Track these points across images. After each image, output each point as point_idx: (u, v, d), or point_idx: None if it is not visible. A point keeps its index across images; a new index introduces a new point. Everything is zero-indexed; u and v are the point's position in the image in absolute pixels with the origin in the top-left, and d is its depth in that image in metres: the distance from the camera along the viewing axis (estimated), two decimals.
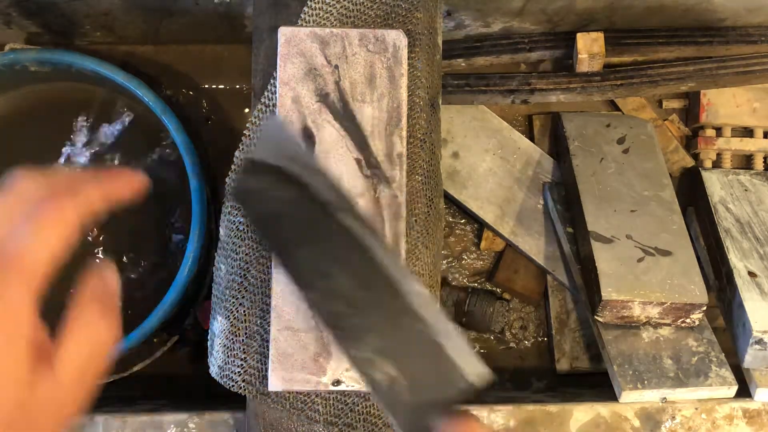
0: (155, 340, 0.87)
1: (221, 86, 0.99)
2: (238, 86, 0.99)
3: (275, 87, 0.62)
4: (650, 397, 0.75)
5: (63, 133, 0.90)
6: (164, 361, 0.91)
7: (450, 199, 0.95)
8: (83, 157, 0.88)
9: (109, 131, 0.89)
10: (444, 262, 0.99)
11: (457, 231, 1.00)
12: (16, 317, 0.31)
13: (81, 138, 0.89)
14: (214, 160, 0.97)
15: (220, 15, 0.87)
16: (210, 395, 0.72)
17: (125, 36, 0.94)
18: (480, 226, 0.98)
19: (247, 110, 0.98)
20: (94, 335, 0.33)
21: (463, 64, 0.96)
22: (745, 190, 0.91)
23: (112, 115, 0.90)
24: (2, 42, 0.91)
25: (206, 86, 0.98)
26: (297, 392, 0.61)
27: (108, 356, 0.33)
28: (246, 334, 0.61)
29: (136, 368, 0.89)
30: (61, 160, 0.89)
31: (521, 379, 0.97)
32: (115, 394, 0.90)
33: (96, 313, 0.34)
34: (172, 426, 0.70)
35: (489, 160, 0.95)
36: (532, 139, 0.98)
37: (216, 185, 0.96)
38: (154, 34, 0.94)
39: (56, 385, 0.31)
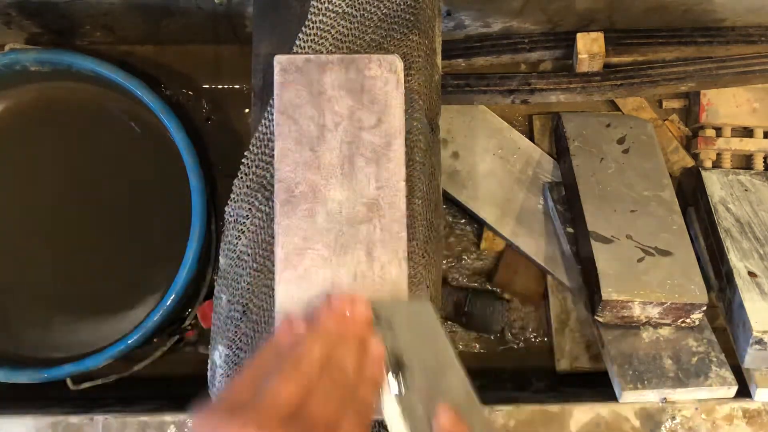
0: (155, 340, 0.87)
1: (221, 86, 0.99)
2: (238, 86, 0.99)
3: (272, 115, 0.61)
4: (650, 397, 0.75)
5: (62, 133, 0.90)
6: (164, 361, 0.91)
7: (450, 199, 0.95)
8: None
9: None
10: (444, 262, 0.99)
11: (457, 231, 1.00)
12: None
13: None
14: (214, 160, 0.98)
15: (220, 15, 0.87)
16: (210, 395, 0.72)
17: (125, 36, 0.94)
18: (480, 226, 0.98)
19: (247, 110, 0.99)
20: None
21: (463, 64, 0.96)
22: (745, 190, 0.91)
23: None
24: (2, 42, 0.91)
25: (206, 86, 0.98)
26: None
27: None
28: None
29: (136, 368, 0.89)
30: None
31: (521, 379, 0.97)
32: (115, 394, 0.90)
33: None
34: (172, 426, 0.70)
35: (489, 160, 0.95)
36: (532, 139, 0.98)
37: (216, 185, 0.96)
38: (154, 34, 0.94)
39: None
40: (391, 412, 0.46)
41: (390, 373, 0.46)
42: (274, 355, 0.44)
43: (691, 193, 0.95)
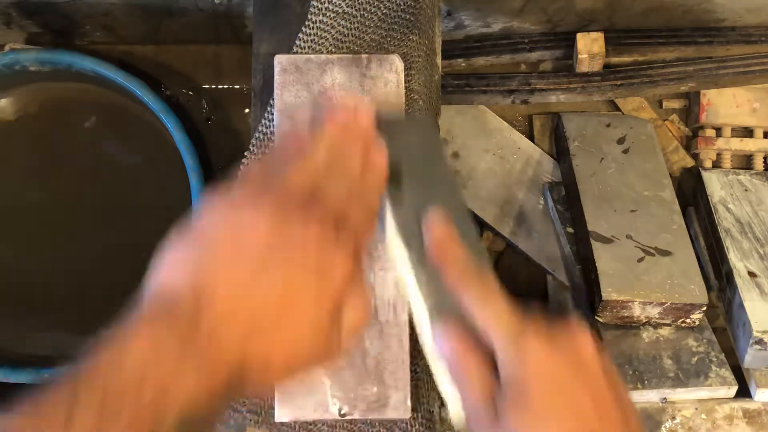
0: None
1: (221, 86, 0.99)
2: (238, 86, 0.99)
3: (272, 115, 0.61)
4: (650, 397, 0.75)
5: (63, 132, 0.90)
6: None
7: None
8: None
9: None
10: None
11: None
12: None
13: None
14: (214, 160, 0.98)
15: (220, 15, 0.87)
16: None
17: (125, 36, 0.94)
18: (480, 226, 0.98)
19: (247, 110, 0.98)
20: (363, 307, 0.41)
21: (463, 64, 0.96)
22: (745, 190, 0.91)
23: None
24: (2, 42, 0.91)
25: (206, 86, 0.98)
26: (303, 421, 0.61)
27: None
28: None
29: None
30: None
31: None
32: None
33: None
34: None
35: (489, 160, 0.95)
36: (532, 139, 0.98)
37: (216, 185, 0.96)
38: (154, 34, 0.94)
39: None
40: (386, 217, 0.47)
41: (387, 180, 0.46)
42: (281, 156, 0.44)
43: (691, 193, 0.95)
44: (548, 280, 0.96)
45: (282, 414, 0.58)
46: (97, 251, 0.88)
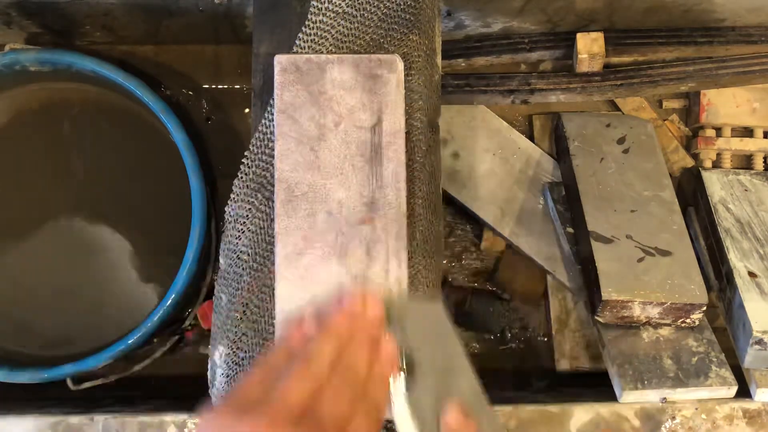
0: (155, 340, 0.87)
1: (221, 86, 0.99)
2: (238, 86, 0.99)
3: (272, 115, 0.61)
4: (650, 397, 0.75)
5: (63, 133, 0.90)
6: (164, 361, 0.91)
7: (450, 199, 0.95)
8: None
9: None
10: (444, 262, 0.99)
11: (457, 231, 1.00)
12: None
13: None
14: (214, 160, 0.98)
15: (220, 15, 0.87)
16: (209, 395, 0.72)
17: (125, 36, 0.94)
18: (480, 226, 0.98)
19: (247, 110, 0.98)
20: None
21: (463, 64, 0.96)
22: (745, 190, 0.91)
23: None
24: (2, 42, 0.91)
25: (206, 86, 0.98)
26: None
27: None
28: (249, 363, 0.61)
29: (136, 368, 0.89)
30: None
31: (521, 379, 0.97)
32: (115, 394, 0.90)
33: None
34: (172, 426, 0.70)
35: (489, 160, 0.95)
36: (532, 139, 0.98)
37: (216, 185, 0.96)
38: (154, 34, 0.94)
39: None
40: (400, 411, 0.46)
41: (400, 372, 0.46)
42: (285, 355, 0.44)
43: (691, 193, 0.95)
44: (548, 280, 0.96)
45: None
46: (95, 250, 0.88)
